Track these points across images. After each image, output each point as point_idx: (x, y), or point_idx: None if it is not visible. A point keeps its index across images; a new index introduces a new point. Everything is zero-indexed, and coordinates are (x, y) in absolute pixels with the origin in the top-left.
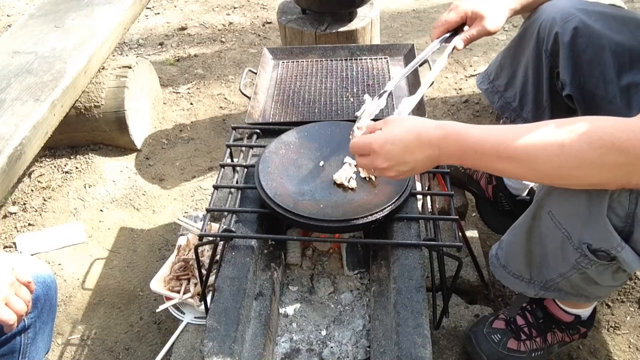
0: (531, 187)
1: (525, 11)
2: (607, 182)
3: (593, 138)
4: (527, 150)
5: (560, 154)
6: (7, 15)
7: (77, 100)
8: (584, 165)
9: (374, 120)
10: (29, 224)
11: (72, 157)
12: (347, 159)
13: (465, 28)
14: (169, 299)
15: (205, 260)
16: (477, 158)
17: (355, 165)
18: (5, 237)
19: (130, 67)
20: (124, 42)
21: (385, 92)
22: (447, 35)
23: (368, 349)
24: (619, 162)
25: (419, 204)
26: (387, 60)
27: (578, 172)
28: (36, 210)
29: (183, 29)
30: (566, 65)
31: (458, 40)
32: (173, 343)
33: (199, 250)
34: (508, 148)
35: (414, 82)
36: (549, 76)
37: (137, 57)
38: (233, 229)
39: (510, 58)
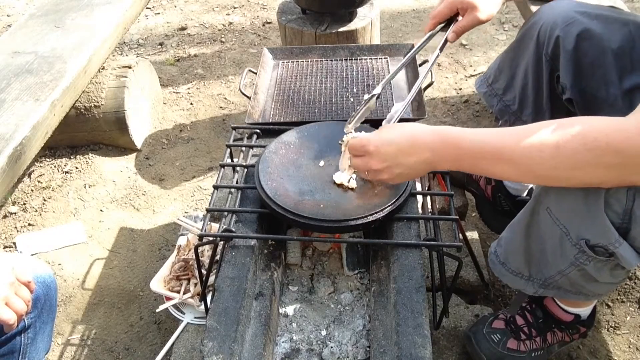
0: (531, 187)
1: None
2: (602, 182)
3: (588, 139)
4: (523, 154)
5: (555, 155)
6: (7, 15)
7: (77, 100)
8: (579, 165)
9: (364, 122)
10: (29, 224)
11: (72, 157)
12: None
13: (460, 19)
14: (169, 299)
15: (205, 260)
16: (473, 162)
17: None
18: (5, 237)
19: (130, 67)
20: (124, 42)
21: (374, 95)
22: (439, 28)
23: (368, 349)
24: (613, 162)
25: (419, 204)
26: (387, 60)
27: (573, 173)
28: (36, 210)
29: (183, 29)
30: (567, 69)
31: (450, 33)
32: (173, 343)
33: (199, 250)
34: (504, 151)
35: (413, 80)
36: (549, 79)
37: (137, 57)
38: (233, 229)
39: (509, 61)
